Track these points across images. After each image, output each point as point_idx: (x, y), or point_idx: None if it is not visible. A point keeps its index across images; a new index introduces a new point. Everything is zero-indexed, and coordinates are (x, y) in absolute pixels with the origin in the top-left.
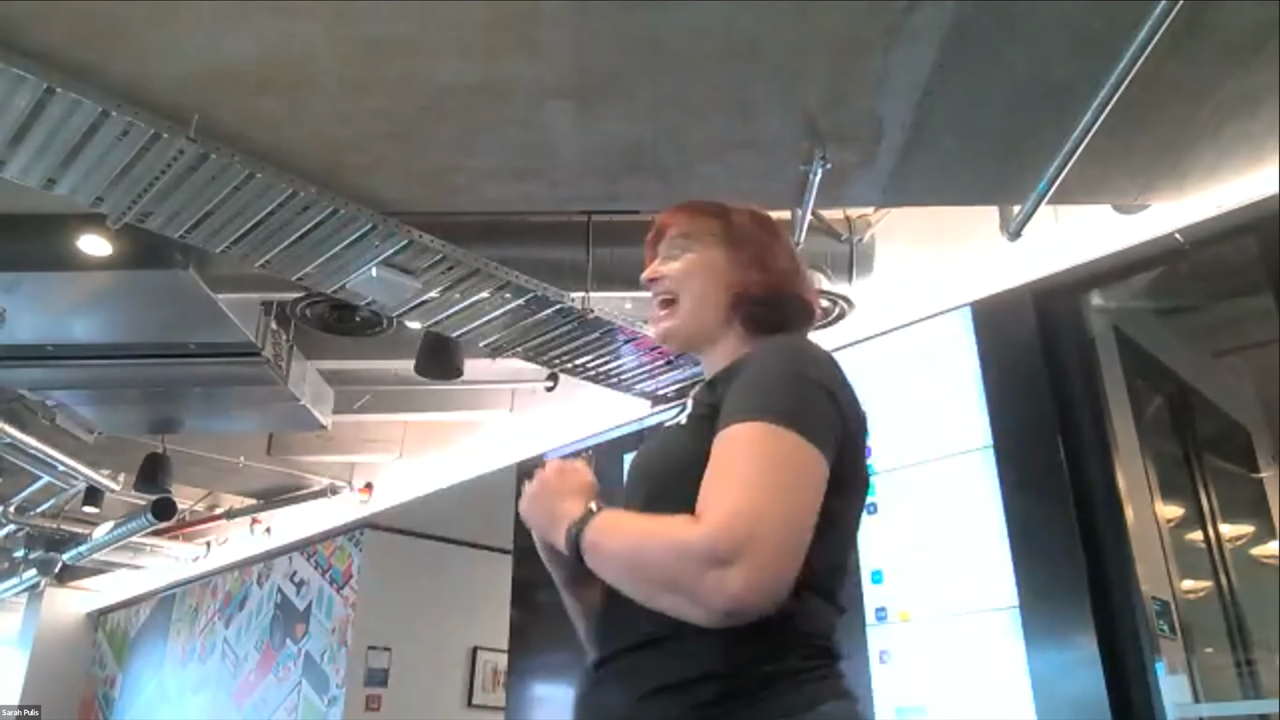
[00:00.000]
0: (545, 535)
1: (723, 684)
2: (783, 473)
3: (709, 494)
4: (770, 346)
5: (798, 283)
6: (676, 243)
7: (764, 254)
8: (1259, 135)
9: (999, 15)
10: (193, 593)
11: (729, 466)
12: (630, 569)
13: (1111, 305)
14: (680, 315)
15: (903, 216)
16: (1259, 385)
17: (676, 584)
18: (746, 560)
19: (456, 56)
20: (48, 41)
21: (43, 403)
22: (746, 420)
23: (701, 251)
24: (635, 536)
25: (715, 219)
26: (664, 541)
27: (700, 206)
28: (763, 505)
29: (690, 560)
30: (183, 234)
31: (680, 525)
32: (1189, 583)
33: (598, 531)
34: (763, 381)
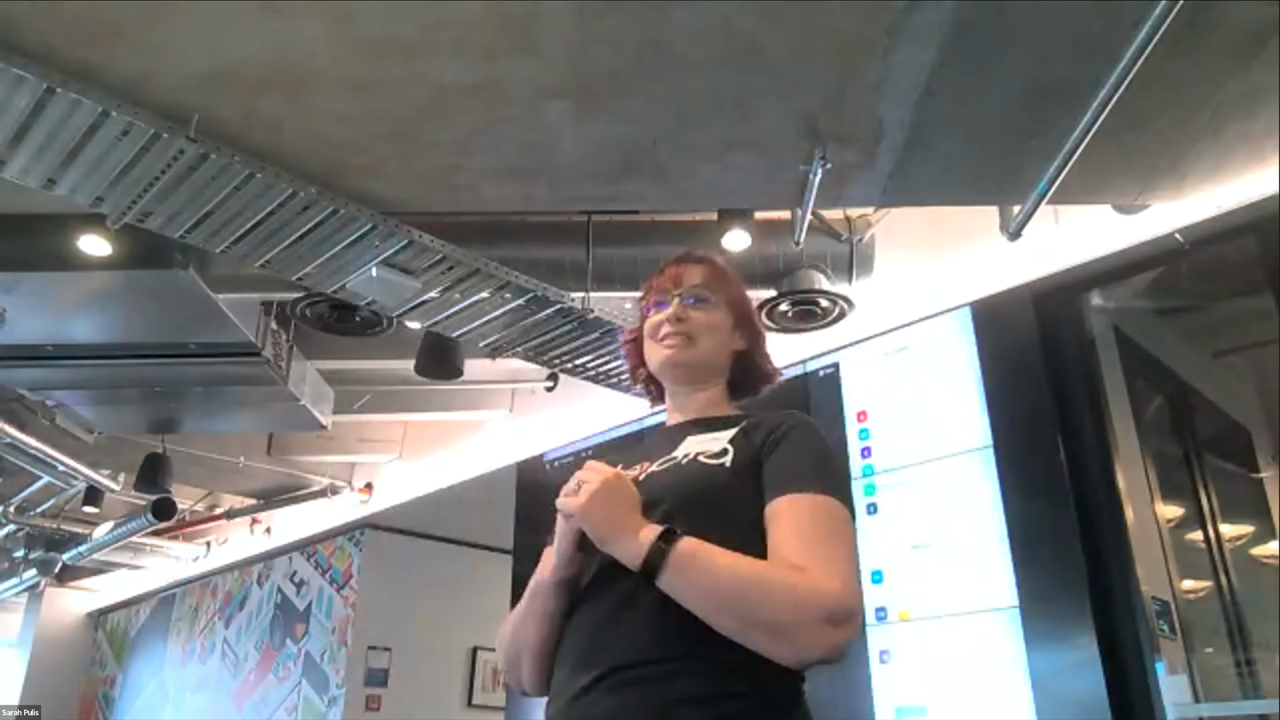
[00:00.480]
0: (607, 540)
1: (743, 701)
2: (852, 547)
3: (811, 551)
4: (808, 421)
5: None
6: (699, 294)
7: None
8: (1259, 135)
9: (999, 15)
10: (193, 593)
11: (825, 532)
12: (734, 602)
13: (1111, 305)
14: (695, 352)
15: (903, 216)
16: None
17: (783, 629)
18: (850, 627)
19: (456, 57)
20: (48, 41)
21: (43, 403)
22: (816, 493)
23: (721, 312)
24: (745, 574)
25: (731, 284)
26: (783, 587)
27: (720, 265)
28: (856, 579)
29: (811, 613)
30: (183, 234)
31: (800, 575)
32: (1189, 583)
33: (689, 555)
34: (818, 455)
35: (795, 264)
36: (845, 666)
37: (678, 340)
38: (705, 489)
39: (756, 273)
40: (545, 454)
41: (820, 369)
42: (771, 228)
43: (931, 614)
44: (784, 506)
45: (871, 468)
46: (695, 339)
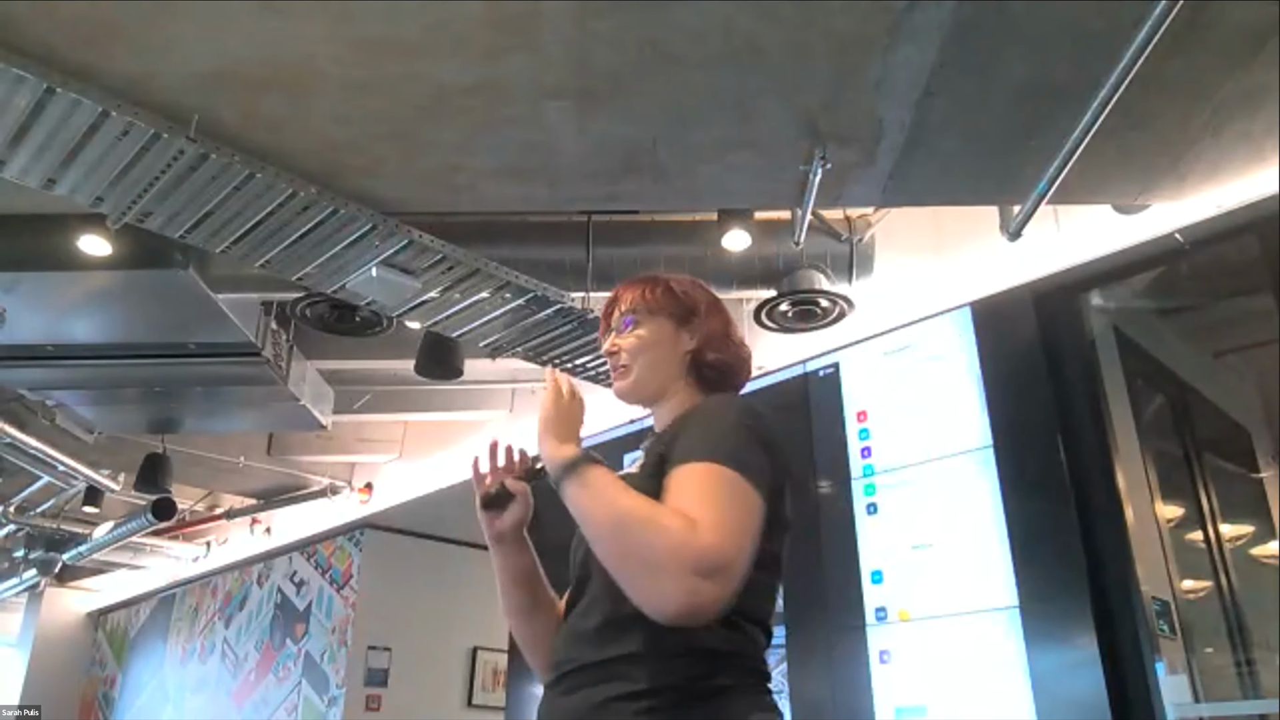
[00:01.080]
0: (540, 441)
1: (670, 695)
2: (742, 512)
3: (693, 506)
4: (719, 400)
5: (735, 342)
6: (626, 318)
7: (725, 328)
8: (1259, 135)
9: (999, 15)
10: (193, 593)
11: (704, 490)
12: (620, 533)
13: (1111, 305)
14: (631, 380)
15: (903, 216)
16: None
17: (658, 571)
18: (720, 581)
19: (456, 56)
20: (48, 41)
21: (43, 403)
22: (705, 460)
23: (653, 324)
24: (636, 509)
25: (663, 293)
26: (663, 532)
27: (646, 281)
28: (738, 538)
29: (682, 561)
30: (183, 234)
31: (679, 523)
32: (1189, 583)
33: (593, 477)
34: (715, 430)
35: (795, 264)
36: (845, 666)
37: (617, 373)
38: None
39: (756, 273)
40: None
41: (820, 369)
42: (771, 228)
43: (931, 614)
44: (675, 475)
45: (871, 468)
46: (630, 365)
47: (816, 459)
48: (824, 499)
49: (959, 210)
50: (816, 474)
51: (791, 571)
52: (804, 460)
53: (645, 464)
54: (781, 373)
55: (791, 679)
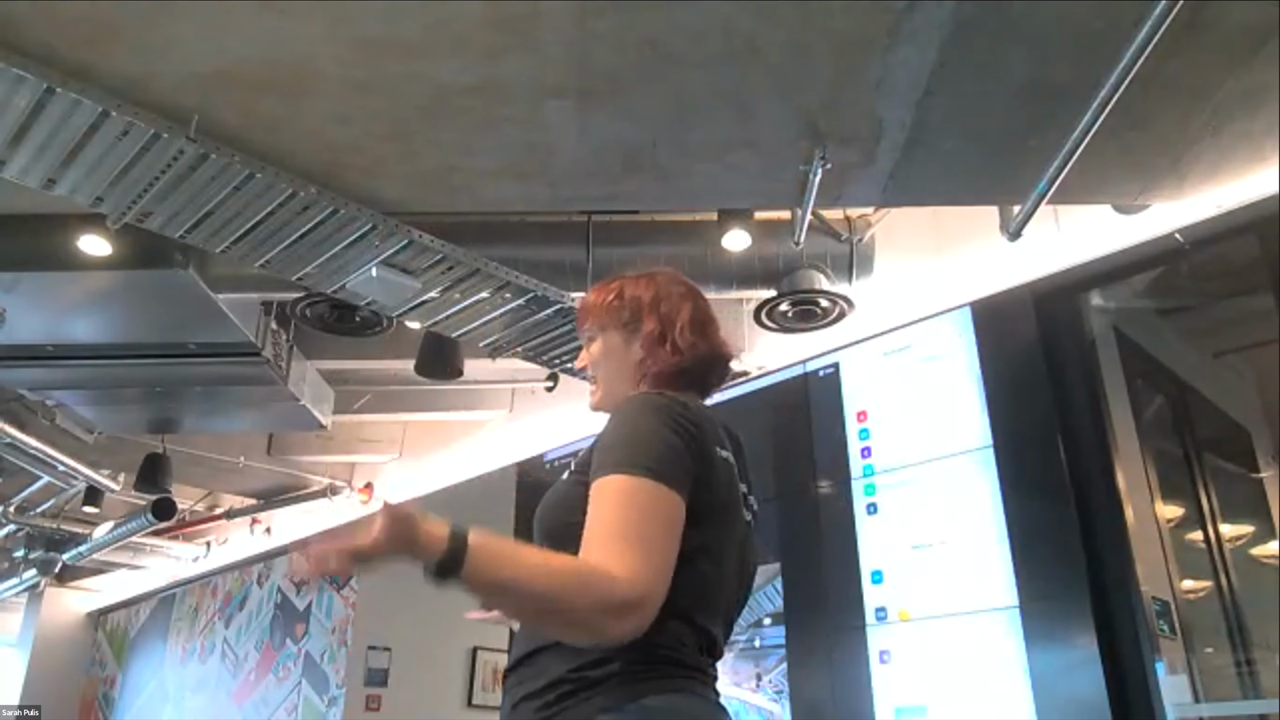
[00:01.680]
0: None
1: (562, 687)
2: (654, 524)
3: (600, 545)
4: (628, 402)
5: (707, 345)
6: (587, 331)
7: (666, 329)
8: (1259, 135)
9: (999, 15)
10: (193, 593)
11: (611, 519)
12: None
13: (1111, 305)
14: (601, 392)
15: (903, 216)
16: (1259, 385)
17: (585, 621)
18: (639, 614)
19: (456, 56)
20: (48, 41)
21: (43, 403)
22: (611, 473)
23: (604, 338)
24: (540, 570)
25: (615, 301)
26: (576, 579)
27: (601, 290)
28: (652, 565)
29: (603, 602)
30: (183, 234)
31: (592, 567)
32: (1189, 583)
33: (487, 554)
34: (620, 434)
35: (795, 264)
36: (845, 666)
37: (590, 389)
38: (549, 510)
39: (756, 273)
40: (545, 454)
41: (820, 369)
42: (771, 228)
43: (931, 614)
44: (591, 499)
45: (871, 468)
46: (597, 379)
47: (816, 459)
48: (824, 499)
49: (959, 210)
50: (816, 474)
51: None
52: (804, 460)
53: (574, 469)
54: (781, 373)
55: (791, 679)
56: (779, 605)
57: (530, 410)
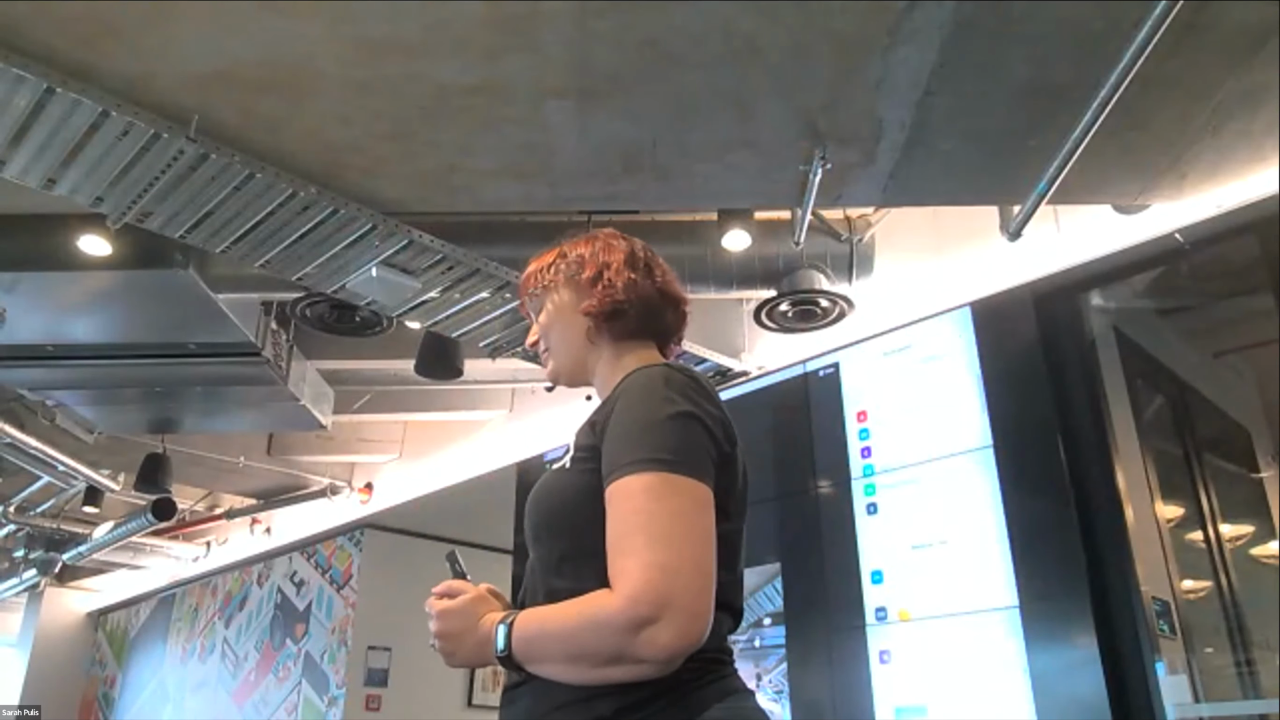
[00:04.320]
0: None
1: (617, 699)
2: (682, 520)
3: (618, 557)
4: (637, 381)
5: (650, 284)
6: (533, 302)
7: (601, 269)
8: (1259, 135)
9: (999, 15)
10: (193, 593)
11: (630, 525)
12: (572, 662)
13: (1111, 305)
14: (553, 360)
15: (903, 216)
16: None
17: (619, 657)
18: (670, 614)
19: (456, 56)
20: (48, 41)
21: (43, 403)
22: (632, 473)
23: (549, 298)
24: (561, 631)
25: (553, 262)
26: (589, 623)
27: (540, 258)
28: (674, 559)
29: (617, 632)
30: (183, 234)
31: (598, 602)
32: (1189, 583)
33: (524, 643)
34: (639, 422)
35: (795, 264)
36: (845, 666)
37: (544, 356)
38: (548, 504)
39: (756, 273)
40: (545, 454)
41: (820, 369)
42: (771, 228)
43: (931, 614)
44: (610, 503)
45: (871, 468)
46: (548, 348)
47: (816, 459)
48: (824, 499)
49: (959, 210)
50: (816, 474)
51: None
52: (804, 460)
53: (575, 457)
54: (781, 373)
55: (791, 679)
56: (779, 605)
57: (530, 410)
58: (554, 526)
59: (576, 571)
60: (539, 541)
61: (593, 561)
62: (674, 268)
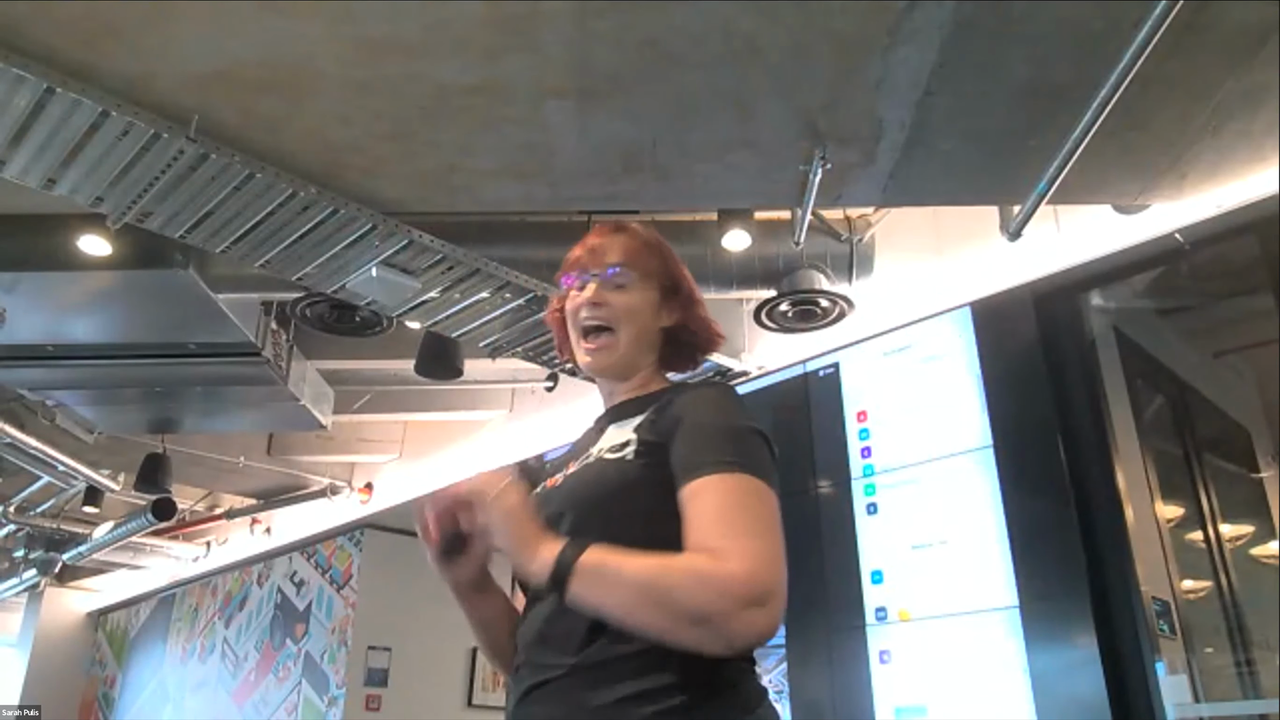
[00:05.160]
0: (513, 558)
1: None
2: (773, 521)
3: (725, 536)
4: (711, 394)
5: (707, 315)
6: (619, 274)
7: (691, 292)
8: (1259, 135)
9: (999, 15)
10: (193, 593)
11: (733, 512)
12: (652, 602)
13: (1111, 305)
14: (619, 350)
15: (903, 216)
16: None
17: (707, 619)
18: (772, 604)
19: (456, 56)
20: (48, 41)
21: (43, 403)
22: (725, 471)
23: (642, 291)
24: (648, 574)
25: (654, 256)
26: (694, 577)
27: (640, 237)
28: (775, 554)
29: (731, 599)
30: (183, 234)
31: (710, 562)
32: (1189, 583)
33: (594, 567)
34: (721, 430)
35: (795, 264)
36: (845, 666)
37: (599, 341)
38: (605, 491)
39: (756, 273)
40: (545, 454)
41: (820, 369)
42: (771, 228)
43: (931, 614)
44: (694, 491)
45: (871, 468)
46: (616, 331)
47: (816, 459)
48: (824, 499)
49: (959, 210)
50: (816, 474)
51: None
52: (804, 460)
53: (639, 451)
54: (781, 373)
55: (791, 679)
56: None
57: (530, 410)
58: (609, 512)
59: None
60: (585, 524)
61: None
62: None
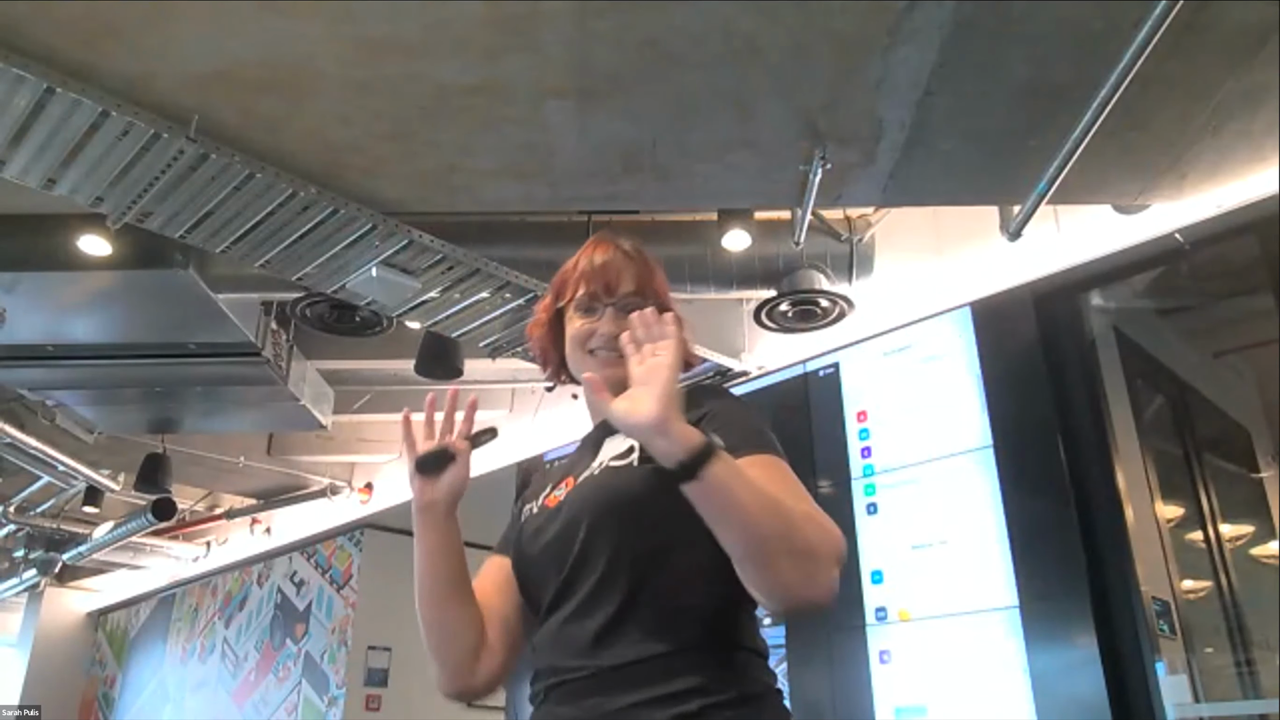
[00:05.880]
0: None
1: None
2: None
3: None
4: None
5: None
6: (632, 302)
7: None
8: (1259, 135)
9: (999, 15)
10: (193, 593)
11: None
12: (776, 515)
13: (1111, 305)
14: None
15: (903, 216)
16: (1259, 385)
17: (815, 555)
18: (839, 573)
19: (456, 56)
20: (48, 41)
21: (43, 403)
22: (765, 452)
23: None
24: (784, 498)
25: (655, 280)
26: (809, 518)
27: (648, 265)
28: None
29: (833, 547)
30: (183, 234)
31: (817, 512)
32: (1189, 583)
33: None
34: (750, 428)
35: (795, 264)
36: (845, 666)
37: (616, 361)
38: (615, 496)
39: (756, 273)
40: (545, 454)
41: (820, 369)
42: (771, 228)
43: (931, 614)
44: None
45: (871, 468)
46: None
47: (816, 459)
48: (824, 499)
49: (959, 210)
50: (816, 474)
51: None
52: (804, 460)
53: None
54: (781, 373)
55: (791, 679)
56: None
57: (530, 410)
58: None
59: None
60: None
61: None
62: (674, 268)
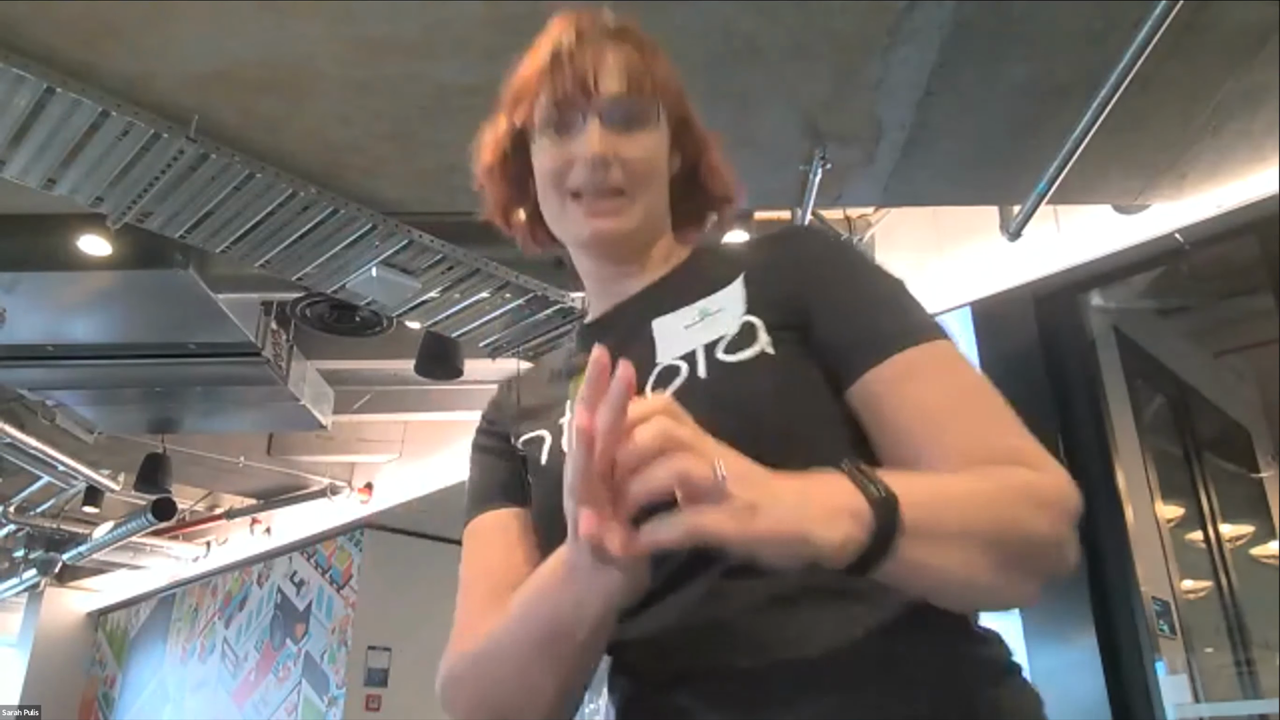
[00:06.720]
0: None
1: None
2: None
3: (1005, 432)
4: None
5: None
6: (632, 110)
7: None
8: (1259, 135)
9: (999, 15)
10: (193, 593)
11: (983, 397)
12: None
13: (1111, 305)
14: (638, 217)
15: (903, 216)
16: (1259, 385)
17: (1047, 548)
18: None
19: (456, 56)
20: (48, 41)
21: (43, 403)
22: (932, 338)
23: (657, 130)
24: (992, 499)
25: (661, 73)
26: (1031, 499)
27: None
28: None
29: (1071, 518)
30: (183, 234)
31: (1023, 475)
32: (1189, 583)
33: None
34: (889, 292)
35: None
36: None
37: (608, 200)
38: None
39: None
40: None
41: None
42: (772, 228)
43: None
44: (907, 370)
45: None
46: (632, 195)
47: None
48: None
49: (959, 210)
50: None
51: None
52: None
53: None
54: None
55: None
56: None
57: None
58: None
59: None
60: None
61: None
62: None
